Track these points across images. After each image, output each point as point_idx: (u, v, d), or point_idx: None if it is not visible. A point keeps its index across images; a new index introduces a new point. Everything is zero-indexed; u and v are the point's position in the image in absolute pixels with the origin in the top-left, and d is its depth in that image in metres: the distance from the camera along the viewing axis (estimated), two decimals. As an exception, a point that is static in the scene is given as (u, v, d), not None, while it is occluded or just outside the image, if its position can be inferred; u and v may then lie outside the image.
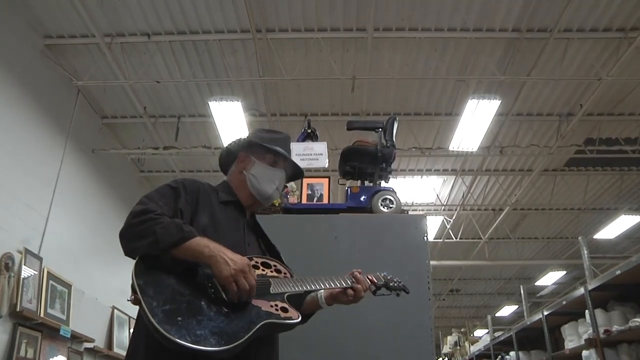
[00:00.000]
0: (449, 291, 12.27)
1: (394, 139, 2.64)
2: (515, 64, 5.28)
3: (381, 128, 2.60)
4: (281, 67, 5.21)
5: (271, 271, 1.28)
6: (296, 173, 1.57)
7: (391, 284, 1.47)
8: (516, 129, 6.39)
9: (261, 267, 1.27)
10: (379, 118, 5.88)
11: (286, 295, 1.23)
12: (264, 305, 1.17)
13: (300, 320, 1.22)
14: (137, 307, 1.08)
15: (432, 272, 2.26)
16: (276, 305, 1.18)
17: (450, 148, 6.15)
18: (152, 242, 1.10)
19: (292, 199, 2.51)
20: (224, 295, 1.11)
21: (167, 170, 7.40)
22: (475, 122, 5.65)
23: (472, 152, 6.31)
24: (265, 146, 1.45)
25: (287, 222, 2.29)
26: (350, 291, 1.36)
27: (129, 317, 6.01)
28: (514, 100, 5.88)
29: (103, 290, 5.54)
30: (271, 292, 1.21)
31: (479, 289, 12.53)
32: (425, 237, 2.22)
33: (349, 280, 1.38)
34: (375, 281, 1.43)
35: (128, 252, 1.13)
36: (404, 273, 2.13)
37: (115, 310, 5.76)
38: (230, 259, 1.12)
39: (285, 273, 1.32)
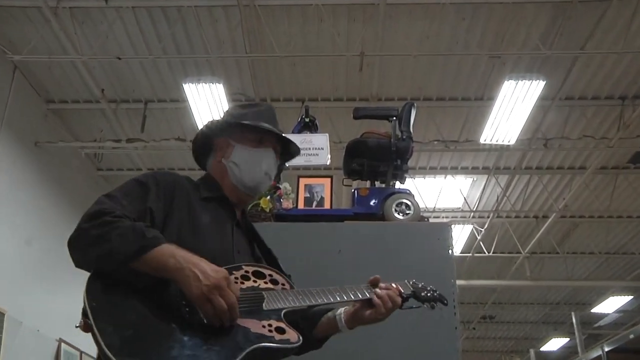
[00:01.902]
0: (481, 318, 12.30)
1: (411, 129, 2.66)
2: (564, 35, 5.29)
3: (395, 116, 2.62)
4: (272, 41, 5.25)
5: (265, 282, 1.26)
6: (291, 151, 1.55)
7: (422, 294, 1.43)
8: (565, 116, 6.42)
9: (252, 278, 1.25)
10: (393, 104, 5.90)
11: (283, 312, 1.21)
12: (254, 326, 1.14)
13: (311, 345, 1.19)
14: (91, 337, 1.06)
15: (460, 295, 2.29)
16: (269, 325, 1.16)
17: (482, 141, 6.18)
18: (106, 253, 1.09)
19: (286, 204, 2.54)
20: (202, 317, 1.09)
21: (131, 169, 7.43)
22: (513, 108, 5.68)
23: (508, 145, 6.35)
24: (244, 124, 1.43)
25: (279, 232, 2.29)
26: (376, 300, 1.32)
27: (81, 352, 6.02)
28: (562, 81, 5.90)
29: (47, 319, 5.49)
30: (264, 308, 1.19)
31: (519, 316, 12.57)
32: (450, 251, 2.25)
33: (367, 291, 1.35)
34: (402, 290, 1.39)
35: (78, 264, 1.15)
36: (424, 296, 2.19)
37: (63, 344, 5.73)
38: (201, 272, 1.09)
39: (283, 284, 1.29)
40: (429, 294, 1.45)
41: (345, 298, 1.32)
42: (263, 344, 1.12)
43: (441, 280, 2.19)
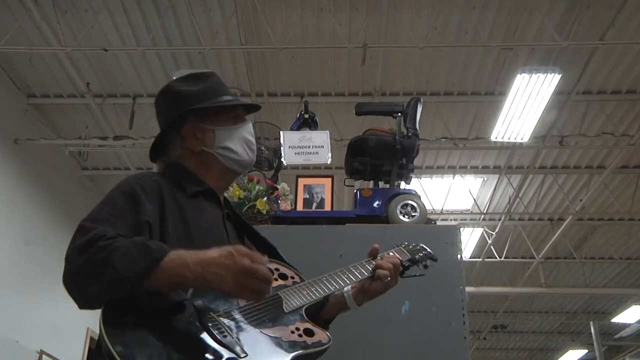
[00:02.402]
0: (492, 328, 12.32)
1: (417, 126, 2.68)
2: (582, 25, 5.28)
3: (401, 112, 2.64)
4: (269, 32, 5.26)
5: (275, 279, 1.26)
6: (249, 107, 1.57)
7: (417, 256, 1.53)
8: (582, 112, 6.43)
9: None
10: (398, 99, 5.96)
11: (304, 309, 1.25)
12: (284, 334, 1.16)
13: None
14: (77, 350, 1.02)
15: (469, 303, 2.31)
16: (297, 329, 1.18)
17: (493, 138, 6.20)
18: (114, 280, 1.05)
19: (284, 205, 2.55)
20: (233, 334, 1.10)
21: (119, 168, 7.46)
22: (526, 103, 5.69)
23: (521, 143, 6.36)
24: (216, 107, 1.42)
25: (277, 235, 2.29)
26: (381, 272, 1.41)
27: (64, 364, 6.05)
28: (579, 74, 5.91)
29: (27, 330, 5.51)
30: (285, 310, 1.22)
31: (533, 326, 12.58)
32: (459, 256, 2.27)
33: (369, 266, 1.44)
34: (400, 258, 1.48)
35: (83, 304, 1.09)
36: (430, 303, 2.20)
37: (44, 357, 5.74)
38: (220, 268, 1.08)
39: (292, 277, 1.33)
40: (421, 254, 1.55)
41: (353, 278, 1.40)
42: (298, 352, 1.15)
43: (450, 286, 2.22)
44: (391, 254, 1.50)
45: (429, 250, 1.58)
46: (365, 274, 1.42)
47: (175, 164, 1.42)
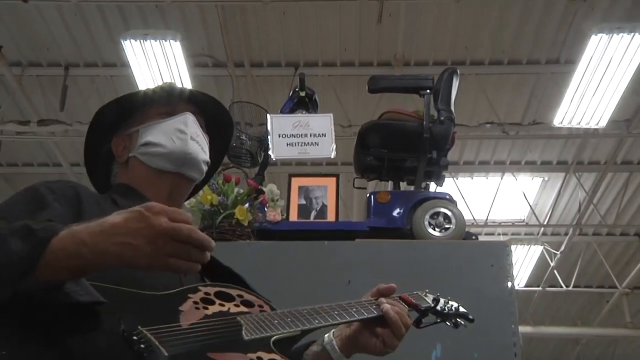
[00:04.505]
0: (558, 384, 12.33)
1: (452, 107, 2.69)
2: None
3: (430, 88, 2.65)
4: (251, -24, 5.30)
5: (235, 305, 1.33)
6: (218, 119, 1.69)
7: (441, 308, 1.55)
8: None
9: (217, 301, 1.32)
10: (427, 71, 5.94)
11: (272, 339, 1.28)
12: None
13: None
14: None
15: (525, 348, 2.33)
16: (259, 358, 1.22)
17: (556, 123, 6.22)
18: None
19: (273, 214, 2.57)
20: (162, 350, 1.11)
21: (46, 164, 7.49)
22: (603, 75, 5.69)
23: (596, 130, 6.38)
24: (138, 100, 1.59)
25: (262, 255, 2.33)
26: (380, 328, 1.42)
27: None
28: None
29: None
30: (245, 338, 1.25)
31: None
32: (509, 284, 2.28)
33: (373, 308, 1.44)
34: (415, 303, 1.50)
35: None
36: (470, 348, 2.20)
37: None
38: (127, 235, 1.08)
39: (260, 306, 1.37)
40: (452, 310, 1.56)
41: (347, 317, 1.40)
42: None
43: (496, 325, 2.23)
44: (405, 296, 1.51)
45: (462, 308, 1.59)
46: (365, 314, 1.43)
47: (113, 186, 1.59)
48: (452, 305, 1.57)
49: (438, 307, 1.54)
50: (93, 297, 1.12)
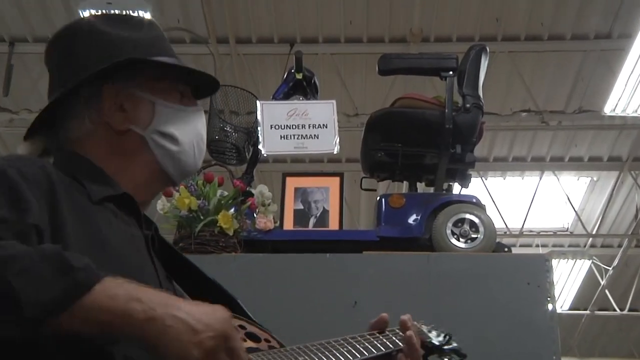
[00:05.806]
0: None
1: (480, 93, 2.72)
2: None
3: (454, 70, 2.67)
4: None
5: (242, 339, 1.33)
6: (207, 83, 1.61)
7: (446, 348, 1.62)
8: None
9: None
10: (449, 48, 5.95)
11: None
12: None
13: None
14: None
15: (566, 381, 2.34)
16: None
17: (608, 112, 6.26)
18: (7, 309, 1.00)
19: (263, 222, 2.59)
20: None
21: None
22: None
23: (657, 119, 6.41)
24: (158, 61, 1.46)
25: (251, 269, 2.36)
26: (413, 345, 1.48)
27: None
28: None
29: None
30: None
31: None
32: (550, 306, 2.30)
33: (395, 337, 1.50)
34: (422, 339, 1.56)
35: None
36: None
37: None
38: (194, 319, 1.10)
39: (267, 339, 1.40)
40: (447, 343, 1.62)
41: (366, 354, 1.44)
42: None
43: (534, 356, 2.24)
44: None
45: (455, 345, 1.64)
46: (382, 349, 1.47)
47: (69, 152, 1.44)
48: (447, 336, 1.63)
49: (444, 348, 1.60)
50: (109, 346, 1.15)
